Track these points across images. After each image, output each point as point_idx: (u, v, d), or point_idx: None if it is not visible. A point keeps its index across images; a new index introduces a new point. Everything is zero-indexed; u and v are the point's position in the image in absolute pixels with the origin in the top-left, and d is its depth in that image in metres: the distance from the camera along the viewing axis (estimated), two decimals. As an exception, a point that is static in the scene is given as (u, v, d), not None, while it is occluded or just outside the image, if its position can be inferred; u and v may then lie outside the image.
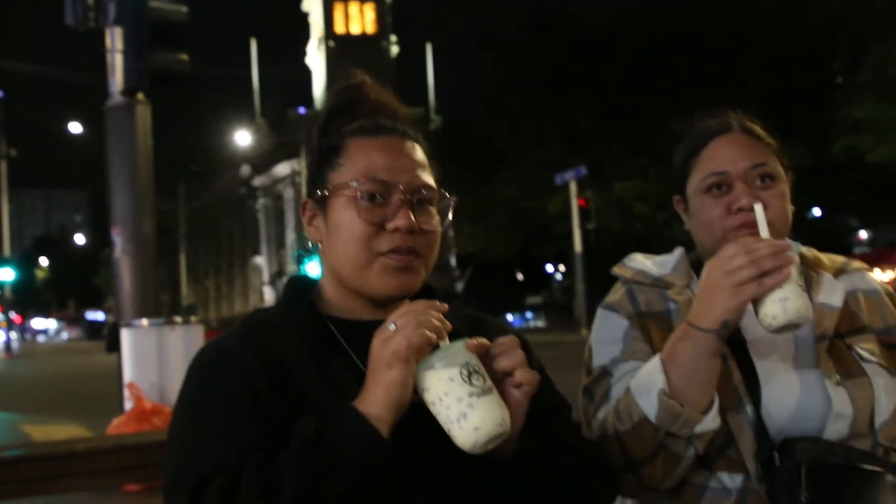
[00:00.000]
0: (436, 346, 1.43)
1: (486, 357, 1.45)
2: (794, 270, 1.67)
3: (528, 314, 60.26)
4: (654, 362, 1.74)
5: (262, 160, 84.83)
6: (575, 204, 32.38)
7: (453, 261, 70.57)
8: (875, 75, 30.29)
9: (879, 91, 30.02)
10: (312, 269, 1.75)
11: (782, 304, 1.65)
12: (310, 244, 1.71)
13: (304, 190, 1.75)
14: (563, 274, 59.05)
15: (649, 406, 1.70)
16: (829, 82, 33.20)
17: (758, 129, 1.97)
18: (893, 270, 35.22)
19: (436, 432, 1.41)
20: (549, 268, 61.42)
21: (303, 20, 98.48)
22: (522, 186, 40.43)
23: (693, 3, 36.07)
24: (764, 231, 1.77)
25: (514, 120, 40.24)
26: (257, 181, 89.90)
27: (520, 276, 61.52)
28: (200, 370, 1.56)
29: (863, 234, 50.76)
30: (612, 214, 36.62)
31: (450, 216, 1.66)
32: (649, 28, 36.30)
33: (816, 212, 38.10)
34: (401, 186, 1.58)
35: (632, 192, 34.90)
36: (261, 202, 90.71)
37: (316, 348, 1.54)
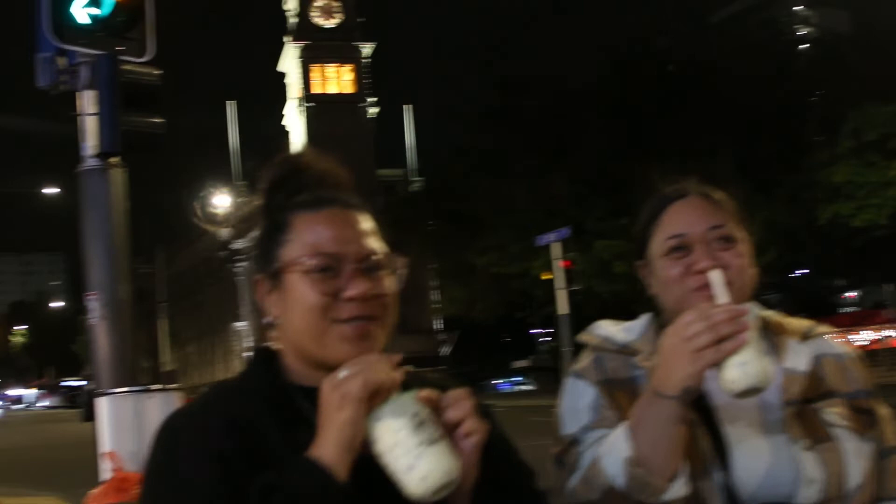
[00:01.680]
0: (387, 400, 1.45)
1: (436, 410, 1.47)
2: (752, 335, 1.68)
3: (516, 377, 59.94)
4: (620, 430, 1.74)
5: (242, 222, 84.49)
6: (556, 266, 32.30)
7: (439, 324, 70.19)
8: (852, 141, 30.78)
9: (856, 157, 30.50)
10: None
11: (742, 368, 1.65)
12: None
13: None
14: (549, 336, 58.89)
15: (616, 474, 1.70)
16: (805, 144, 33.61)
17: (715, 194, 2.00)
18: (878, 331, 35.28)
19: (391, 484, 1.42)
20: (535, 330, 61.25)
21: (280, 81, 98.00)
22: (501, 251, 40.42)
23: (671, 68, 36.59)
24: (721, 296, 1.78)
25: (491, 184, 40.29)
26: (237, 244, 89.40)
27: (505, 339, 61.39)
28: (166, 437, 1.56)
29: (852, 293, 51.04)
30: (594, 275, 36.63)
31: (402, 277, 1.66)
32: (624, 91, 36.62)
33: (801, 272, 38.36)
34: (350, 256, 1.59)
35: (611, 251, 35.00)
36: (241, 266, 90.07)
37: (280, 414, 1.54)
